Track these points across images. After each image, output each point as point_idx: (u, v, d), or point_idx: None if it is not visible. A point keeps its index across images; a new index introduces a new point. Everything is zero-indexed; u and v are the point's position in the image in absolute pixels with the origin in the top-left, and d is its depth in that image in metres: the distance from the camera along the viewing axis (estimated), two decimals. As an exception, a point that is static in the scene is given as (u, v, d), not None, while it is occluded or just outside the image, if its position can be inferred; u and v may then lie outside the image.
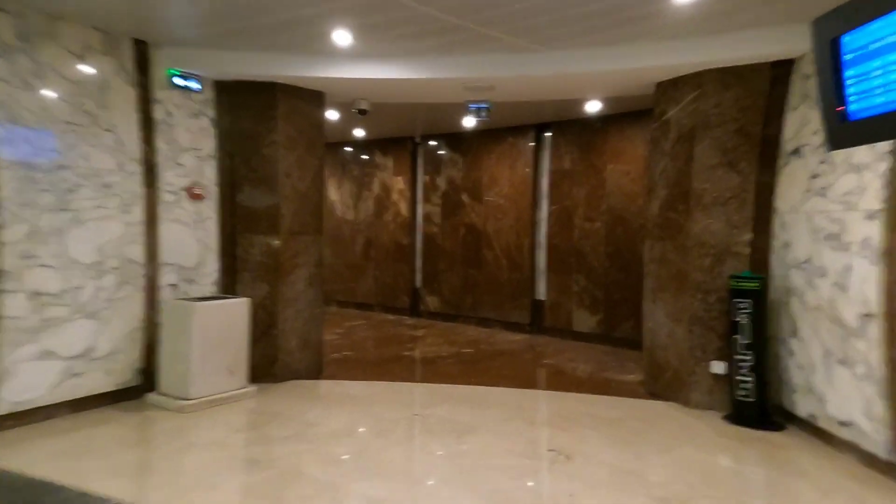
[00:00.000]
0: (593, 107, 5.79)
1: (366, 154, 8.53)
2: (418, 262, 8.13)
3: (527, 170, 6.98)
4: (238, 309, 4.16)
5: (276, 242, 4.60)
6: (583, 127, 6.50)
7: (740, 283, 3.68)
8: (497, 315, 7.26)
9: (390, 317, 8.10)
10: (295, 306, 4.75)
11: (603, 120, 6.30)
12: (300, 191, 4.75)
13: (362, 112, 5.26)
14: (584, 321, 6.49)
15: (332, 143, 8.77)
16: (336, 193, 8.86)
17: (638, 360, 5.52)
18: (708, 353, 3.98)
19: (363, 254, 8.58)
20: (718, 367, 3.88)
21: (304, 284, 4.82)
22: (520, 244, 7.04)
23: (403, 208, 8.16)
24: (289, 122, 4.60)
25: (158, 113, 4.05)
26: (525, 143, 7.00)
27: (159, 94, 4.04)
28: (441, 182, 7.81)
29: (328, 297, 8.96)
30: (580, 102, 5.67)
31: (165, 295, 4.10)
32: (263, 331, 4.60)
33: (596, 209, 6.41)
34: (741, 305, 3.65)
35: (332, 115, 6.28)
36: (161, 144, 4.07)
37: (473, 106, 5.21)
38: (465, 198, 7.57)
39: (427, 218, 7.99)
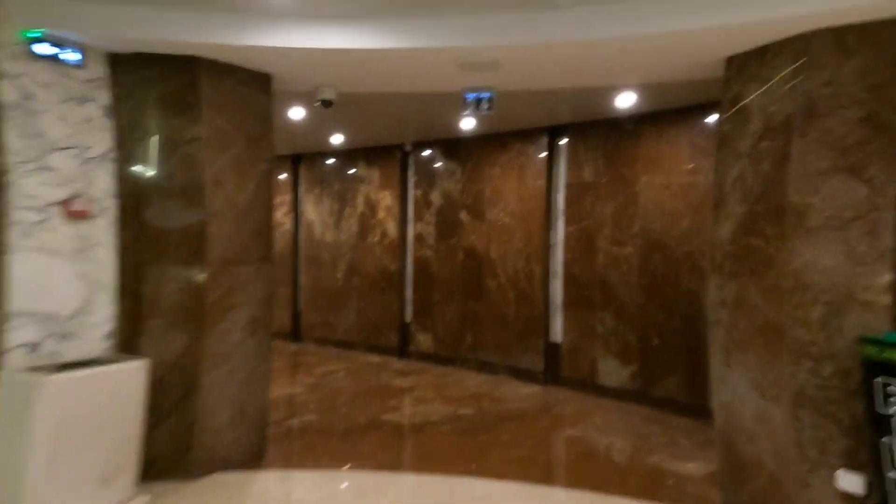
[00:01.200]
0: (625, 100, 4.53)
1: (348, 165, 7.28)
2: (408, 293, 6.82)
3: (538, 182, 5.71)
4: (125, 378, 2.85)
5: (201, 276, 3.32)
6: (609, 129, 5.24)
7: (886, 353, 2.36)
8: (503, 359, 5.92)
9: (375, 358, 6.76)
10: (228, 364, 3.45)
11: (636, 120, 5.04)
12: (238, 205, 3.49)
13: (326, 104, 4.02)
14: (613, 373, 5.14)
15: (309, 153, 7.55)
16: (314, 211, 7.60)
17: (690, 431, 4.17)
18: (828, 455, 2.63)
19: (345, 282, 7.28)
20: (852, 483, 2.53)
21: (243, 333, 3.53)
22: (530, 272, 5.73)
23: (391, 228, 6.88)
24: (219, 112, 3.35)
25: (9, 93, 2.79)
26: (536, 150, 5.74)
27: (10, 65, 2.79)
28: (435, 197, 6.54)
29: (305, 334, 7.64)
30: (607, 95, 4.42)
31: (16, 360, 2.80)
32: (177, 402, 3.28)
33: (626, 231, 5.11)
34: (891, 389, 2.32)
35: (297, 113, 5.06)
36: (15, 139, 2.81)
37: (472, 96, 3.97)
38: (463, 216, 6.29)
39: (419, 240, 6.71)
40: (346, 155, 7.26)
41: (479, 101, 4.00)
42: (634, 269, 5.04)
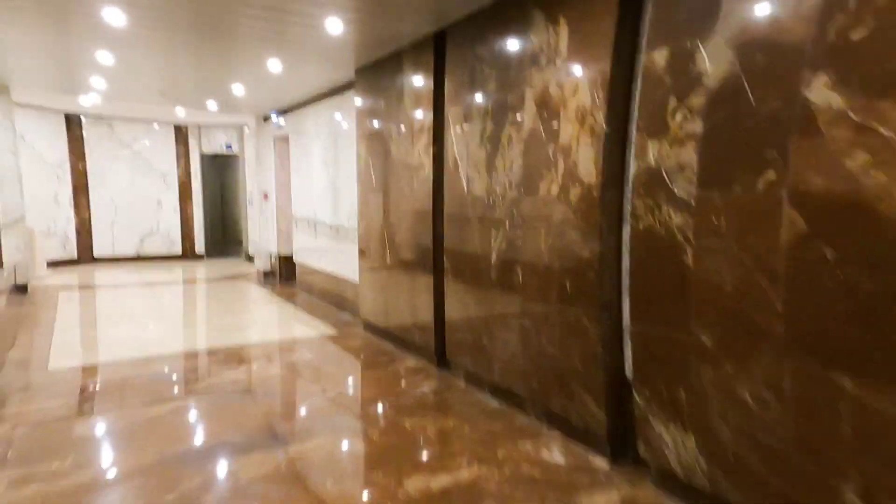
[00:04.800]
0: None
1: (512, 32, 3.55)
2: (626, 308, 2.83)
3: None
4: None
5: None
6: None
7: None
8: None
9: (555, 455, 3.06)
10: None
11: None
12: None
13: None
14: None
15: (457, 24, 4.06)
16: (460, 141, 4.14)
17: None
18: None
19: (500, 274, 3.69)
20: None
21: None
22: None
23: (586, 160, 2.95)
24: None
25: None
26: None
27: None
28: (703, 63, 2.32)
29: (453, 357, 4.39)
30: None
31: None
32: None
33: None
34: None
35: None
36: None
37: None
38: (815, 95, 1.95)
39: (652, 185, 2.58)
40: (511, 5, 3.53)
41: None
42: None
